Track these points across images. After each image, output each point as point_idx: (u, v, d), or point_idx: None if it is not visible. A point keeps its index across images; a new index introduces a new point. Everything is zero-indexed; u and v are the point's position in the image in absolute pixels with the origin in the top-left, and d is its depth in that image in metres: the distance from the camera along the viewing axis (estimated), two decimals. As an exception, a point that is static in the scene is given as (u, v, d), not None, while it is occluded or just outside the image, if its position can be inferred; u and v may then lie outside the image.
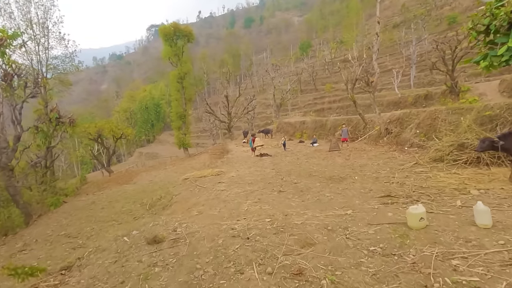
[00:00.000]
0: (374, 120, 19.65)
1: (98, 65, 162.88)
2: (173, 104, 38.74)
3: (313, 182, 8.17)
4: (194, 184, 9.82)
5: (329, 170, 9.72)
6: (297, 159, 13.57)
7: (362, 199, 5.98)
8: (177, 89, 38.35)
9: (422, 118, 13.86)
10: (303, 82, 55.40)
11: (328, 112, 39.45)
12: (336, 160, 11.98)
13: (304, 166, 11.18)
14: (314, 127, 27.31)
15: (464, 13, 44.61)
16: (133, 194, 16.13)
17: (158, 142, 63.85)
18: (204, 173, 11.13)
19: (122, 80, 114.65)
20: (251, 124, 45.67)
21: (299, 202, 6.36)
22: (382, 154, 12.46)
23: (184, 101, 38.25)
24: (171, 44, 38.01)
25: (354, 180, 7.79)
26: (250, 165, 12.96)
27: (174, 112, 38.35)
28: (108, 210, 12.78)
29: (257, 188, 8.10)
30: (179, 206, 7.74)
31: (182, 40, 38.62)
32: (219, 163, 14.96)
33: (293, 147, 19.95)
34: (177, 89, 38.35)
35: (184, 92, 38.21)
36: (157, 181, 19.37)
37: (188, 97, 38.81)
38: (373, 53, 16.60)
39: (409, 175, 7.51)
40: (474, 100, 19.30)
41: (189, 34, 38.30)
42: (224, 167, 13.18)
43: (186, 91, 38.37)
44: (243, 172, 10.96)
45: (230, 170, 11.80)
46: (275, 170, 10.87)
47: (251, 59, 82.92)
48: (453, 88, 24.02)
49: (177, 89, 38.34)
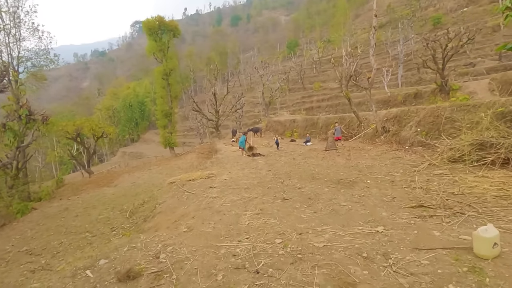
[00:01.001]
0: (368, 118, 18.88)
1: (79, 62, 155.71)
2: (158, 102, 36.81)
3: (319, 186, 7.04)
4: (182, 189, 8.47)
5: (333, 172, 8.65)
6: (293, 160, 12.46)
7: (388, 210, 4.90)
8: (162, 86, 36.44)
9: (423, 116, 13.09)
10: (291, 81, 54.62)
11: (317, 110, 38.72)
12: (337, 160, 10.95)
13: (303, 168, 10.06)
14: (305, 125, 26.37)
15: (448, 14, 45.16)
16: (112, 198, 14.51)
17: (142, 141, 61.25)
18: (192, 176, 9.79)
19: (105, 77, 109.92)
20: (239, 122, 44.33)
21: (311, 214, 5.20)
22: (384, 153, 11.55)
23: (169, 99, 36.41)
24: (156, 39, 36.06)
25: (368, 185, 6.72)
26: (243, 166, 11.71)
27: (159, 110, 36.42)
28: (82, 219, 11.18)
29: (255, 194, 6.88)
30: (164, 218, 6.40)
31: (167, 35, 36.72)
32: (208, 164, 13.61)
33: (285, 146, 18.86)
34: (162, 86, 36.44)
35: (170, 89, 36.38)
36: (140, 184, 17.76)
37: (174, 94, 36.98)
38: (370, 48, 15.77)
39: (430, 178, 6.52)
40: (465, 99, 18.93)
41: (174, 28, 36.45)
42: (214, 168, 11.86)
43: (171, 88, 36.55)
44: (237, 175, 9.71)
45: (222, 172, 10.51)
46: (272, 172, 9.69)
47: (238, 57, 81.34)
48: (443, 87, 23.73)
49: (162, 86, 36.44)
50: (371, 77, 15.87)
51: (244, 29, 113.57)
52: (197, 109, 32.84)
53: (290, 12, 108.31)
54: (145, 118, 63.86)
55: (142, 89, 64.56)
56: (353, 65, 18.07)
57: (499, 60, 30.38)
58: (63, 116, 52.74)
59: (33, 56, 27.18)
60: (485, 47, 34.73)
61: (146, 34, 37.66)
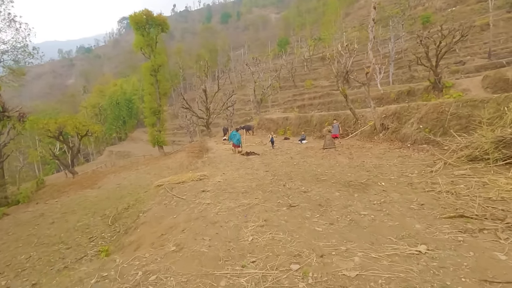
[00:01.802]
0: (365, 115, 18.23)
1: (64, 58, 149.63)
2: (146, 99, 35.23)
3: (328, 190, 6.14)
4: (170, 193, 7.39)
5: (338, 173, 7.78)
6: (291, 159, 11.55)
7: (422, 221, 4.03)
8: (150, 83, 34.88)
9: (425, 112, 12.44)
10: (282, 79, 53.79)
11: (309, 108, 38.07)
12: (339, 159, 10.10)
13: (304, 168, 9.16)
14: (299, 123, 25.58)
15: (437, 13, 45.35)
16: (94, 202, 13.22)
17: (130, 140, 59.13)
18: (182, 177, 8.70)
19: (91, 74, 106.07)
20: (230, 120, 43.19)
21: (327, 226, 4.27)
22: (388, 151, 10.80)
23: (158, 96, 34.89)
24: (143, 34, 34.44)
25: (384, 188, 5.86)
26: (238, 167, 10.72)
27: (147, 107, 34.87)
28: (58, 226, 9.91)
29: (256, 200, 5.91)
30: (148, 231, 5.34)
31: (155, 29, 35.14)
32: (200, 164, 12.52)
33: (279, 144, 17.97)
34: (150, 83, 34.88)
35: (158, 86, 34.87)
36: (126, 185, 16.48)
37: (162, 91, 35.49)
38: (369, 42, 15.02)
39: (454, 180, 5.72)
40: (459, 96, 18.58)
41: (163, 23, 34.90)
42: (206, 169, 10.81)
43: (160, 84, 35.04)
44: (232, 176, 8.71)
45: (215, 173, 9.48)
46: (270, 173, 8.74)
47: (228, 54, 79.83)
48: (437, 84, 23.39)
49: (150, 82, 34.88)
50: (370, 72, 15.15)
51: (234, 26, 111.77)
52: (186, 106, 31.49)
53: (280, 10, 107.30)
54: (133, 116, 61.65)
55: (130, 86, 62.24)
56: (349, 60, 17.34)
57: (488, 58, 30.49)
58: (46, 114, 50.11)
59: (9, 49, 25.20)
60: (474, 45, 34.90)
61: (133, 29, 35.95)
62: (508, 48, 31.06)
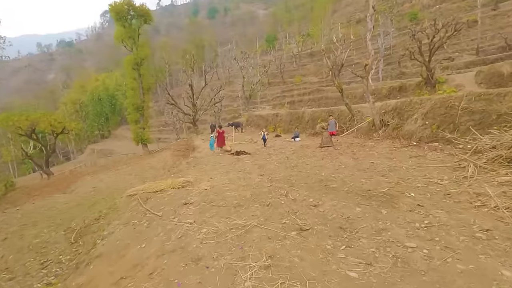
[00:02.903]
0: (361, 111, 17.08)
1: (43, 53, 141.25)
2: (129, 94, 32.91)
3: (344, 203, 4.75)
4: (143, 207, 5.79)
5: (349, 178, 6.42)
6: (287, 159, 10.15)
7: (507, 264, 2.69)
8: (133, 77, 32.58)
9: (430, 107, 11.31)
10: (270, 75, 52.32)
11: (299, 104, 36.85)
12: (343, 160, 8.78)
13: (305, 170, 7.77)
14: (289, 120, 24.27)
15: (423, 10, 45.11)
16: (62, 210, 11.36)
17: (114, 138, 56.11)
18: (161, 185, 7.09)
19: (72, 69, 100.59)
20: (218, 117, 41.40)
21: (363, 269, 2.86)
22: (395, 151, 9.59)
23: (141, 91, 32.66)
24: (125, 25, 32.03)
25: (417, 201, 4.54)
26: (227, 169, 9.22)
27: (130, 103, 32.59)
28: (10, 244, 8.07)
29: (252, 218, 4.45)
30: (103, 271, 3.75)
31: (138, 20, 32.77)
32: (184, 165, 10.90)
33: (271, 142, 16.55)
34: (133, 77, 32.58)
35: (142, 81, 32.63)
36: (101, 189, 14.63)
37: (146, 86, 33.27)
38: (368, 31, 13.78)
39: (507, 191, 4.46)
40: (452, 92, 17.77)
41: (146, 14, 32.59)
42: (191, 172, 9.23)
43: (143, 79, 32.81)
44: (221, 182, 7.20)
45: (201, 177, 7.95)
46: (266, 178, 7.30)
47: (215, 50, 77.35)
48: (429, 80, 22.65)
49: (133, 77, 32.58)
50: (369, 64, 13.92)
51: (221, 22, 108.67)
52: (172, 102, 29.48)
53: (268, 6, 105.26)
54: (116, 112, 58.45)
55: (113, 82, 58.83)
56: (345, 53, 16.10)
57: (476, 55, 30.22)
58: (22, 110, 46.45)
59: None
60: (461, 42, 34.66)
61: (114, 20, 33.44)
62: (495, 45, 30.90)
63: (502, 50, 28.74)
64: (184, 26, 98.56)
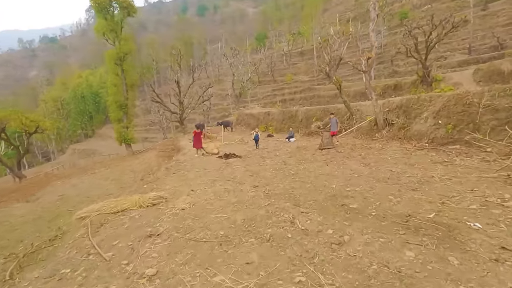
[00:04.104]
0: (360, 109, 15.69)
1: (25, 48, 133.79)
2: (111, 91, 30.50)
3: (382, 239, 3.19)
4: (90, 241, 4.04)
5: (370, 193, 4.88)
6: (285, 164, 8.56)
7: None
8: (115, 73, 30.18)
9: (443, 105, 9.96)
10: (261, 73, 50.69)
11: (290, 103, 35.39)
12: (352, 166, 7.25)
13: (310, 180, 6.18)
14: (282, 118, 22.74)
15: (414, 10, 44.59)
16: (15, 225, 9.33)
17: (98, 137, 53.05)
18: (124, 203, 5.31)
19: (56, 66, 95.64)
20: (207, 116, 39.46)
21: None
22: (411, 155, 8.15)
23: (125, 88, 30.30)
24: (106, 17, 29.56)
25: (491, 237, 3.01)
26: (214, 177, 7.53)
27: (112, 100, 30.19)
28: None
29: (248, 268, 2.80)
30: None
31: (120, 12, 30.33)
32: (163, 171, 9.09)
33: (264, 143, 14.93)
34: (115, 73, 30.18)
35: (125, 77, 30.26)
36: (70, 196, 12.59)
37: (130, 82, 30.91)
38: (371, 21, 12.35)
39: None
40: (450, 90, 16.69)
41: (129, 5, 30.18)
42: (170, 181, 7.48)
43: (127, 75, 30.45)
44: (204, 196, 5.52)
45: (180, 189, 6.22)
46: (262, 192, 5.67)
47: (205, 48, 74.95)
48: (426, 78, 21.60)
49: (115, 72, 30.18)
50: (372, 58, 12.48)
51: (210, 19, 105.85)
52: (157, 100, 27.37)
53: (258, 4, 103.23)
54: (101, 111, 55.31)
55: (97, 79, 55.62)
56: (344, 45, 14.67)
57: (468, 54, 29.63)
58: None
59: None
60: (452, 41, 34.08)
61: (94, 11, 30.97)
62: (486, 44, 30.43)
63: (494, 49, 28.27)
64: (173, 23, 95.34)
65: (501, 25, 32.65)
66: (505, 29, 30.77)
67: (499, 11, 35.36)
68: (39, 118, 25.74)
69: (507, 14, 34.30)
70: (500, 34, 28.60)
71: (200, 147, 12.34)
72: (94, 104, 53.91)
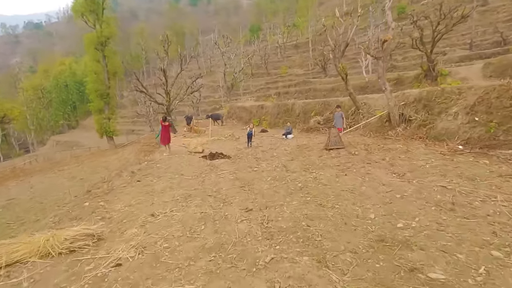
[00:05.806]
0: (368, 102, 13.63)
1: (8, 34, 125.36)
2: (91, 79, 27.50)
3: None
4: None
5: (442, 237, 2.76)
6: (286, 170, 6.41)
7: None
8: (95, 59, 27.14)
9: (480, 98, 7.96)
10: (254, 66, 48.10)
11: (284, 97, 33.14)
12: (383, 177, 5.15)
13: (331, 203, 4.01)
14: (277, 112, 20.53)
15: (412, 5, 42.83)
16: None
17: (82, 128, 49.52)
18: (18, 248, 3.01)
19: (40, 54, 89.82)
20: (197, 108, 36.83)
21: None
22: (451, 161, 6.10)
23: (106, 76, 27.31)
24: (86, -5, 26.32)
25: None
26: (190, 189, 5.29)
27: (92, 89, 27.22)
28: None
29: None
30: None
31: (102, -8, 27.11)
32: (124, 178, 6.73)
33: (258, 139, 12.71)
34: (95, 59, 27.14)
35: (107, 64, 27.25)
36: (21, 201, 10.07)
37: (112, 70, 27.91)
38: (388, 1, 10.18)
39: None
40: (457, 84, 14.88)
41: (111, -16, 27.01)
42: (125, 196, 5.17)
43: (109, 62, 27.45)
44: (164, 232, 3.28)
45: (132, 214, 3.94)
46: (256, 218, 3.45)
47: (197, 39, 71.35)
48: (430, 72, 19.70)
49: (96, 59, 27.14)
50: (388, 41, 10.34)
51: (204, 10, 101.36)
52: (141, 89, 24.55)
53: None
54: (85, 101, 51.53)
55: (81, 67, 51.63)
56: (352, 29, 12.51)
57: (469, 50, 28.06)
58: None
59: None
60: (452, 37, 32.47)
61: (72, -10, 27.67)
62: (487, 40, 28.91)
63: (496, 44, 26.80)
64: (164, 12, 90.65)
65: (502, 21, 31.19)
66: (506, 25, 29.32)
67: (499, 7, 33.91)
68: (6, 106, 22.65)
69: (507, 10, 32.87)
70: (502, 29, 27.16)
71: (168, 142, 10.27)
72: (78, 93, 50.13)
